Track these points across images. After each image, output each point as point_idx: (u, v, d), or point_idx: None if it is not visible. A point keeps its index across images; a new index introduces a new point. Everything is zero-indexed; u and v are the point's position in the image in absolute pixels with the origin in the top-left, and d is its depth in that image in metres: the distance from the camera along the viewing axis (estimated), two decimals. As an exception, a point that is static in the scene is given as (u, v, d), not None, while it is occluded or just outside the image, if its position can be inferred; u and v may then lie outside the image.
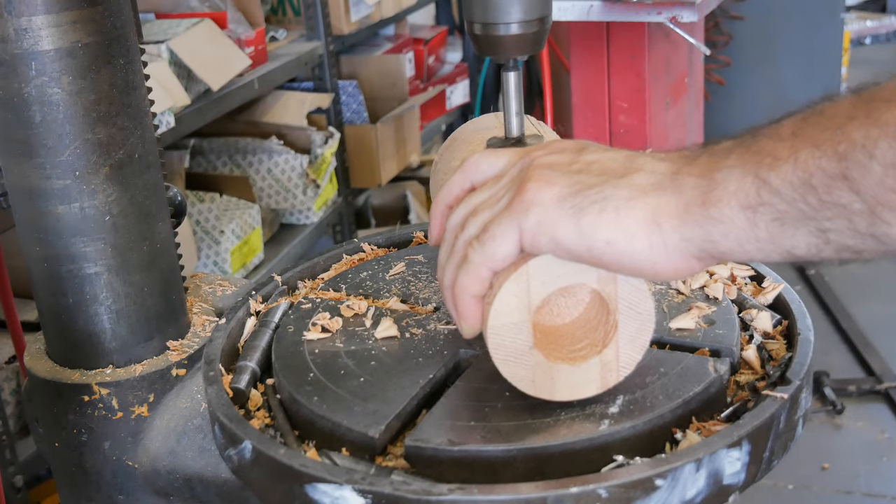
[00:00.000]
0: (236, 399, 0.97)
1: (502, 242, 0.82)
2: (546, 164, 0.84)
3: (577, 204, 0.80)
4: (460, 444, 0.84)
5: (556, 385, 0.87)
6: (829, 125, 0.71)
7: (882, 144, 0.68)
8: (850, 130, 0.70)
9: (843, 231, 0.72)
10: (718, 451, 0.80)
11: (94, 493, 1.20)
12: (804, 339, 0.95)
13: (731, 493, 0.82)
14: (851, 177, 0.69)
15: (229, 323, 1.08)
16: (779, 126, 0.75)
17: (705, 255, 0.78)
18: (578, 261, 0.81)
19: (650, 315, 0.87)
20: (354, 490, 0.79)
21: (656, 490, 0.78)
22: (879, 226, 0.70)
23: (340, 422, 0.89)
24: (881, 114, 0.69)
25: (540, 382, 0.86)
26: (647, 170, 0.80)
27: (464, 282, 0.86)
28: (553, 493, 0.76)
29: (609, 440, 0.84)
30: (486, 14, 0.99)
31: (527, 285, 0.84)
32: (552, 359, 0.86)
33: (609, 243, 0.79)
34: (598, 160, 0.83)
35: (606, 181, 0.80)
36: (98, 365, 1.18)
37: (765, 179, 0.73)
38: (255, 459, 0.87)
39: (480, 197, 0.88)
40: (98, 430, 1.17)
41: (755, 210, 0.74)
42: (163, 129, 2.61)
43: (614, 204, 0.79)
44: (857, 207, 0.70)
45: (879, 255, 0.73)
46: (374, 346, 1.01)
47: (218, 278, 1.37)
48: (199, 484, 1.15)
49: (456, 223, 0.89)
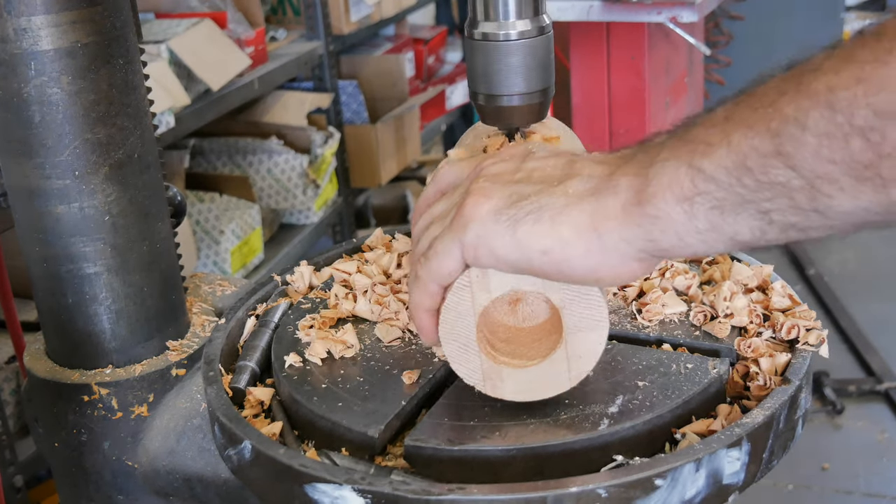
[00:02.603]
0: (236, 399, 0.97)
1: (445, 259, 0.82)
2: (490, 174, 0.84)
3: (512, 216, 0.79)
4: (460, 443, 0.84)
5: (506, 385, 0.87)
6: (761, 104, 0.69)
7: (814, 114, 0.66)
8: (782, 105, 0.68)
9: (785, 210, 0.69)
10: (718, 451, 0.80)
11: (94, 493, 1.20)
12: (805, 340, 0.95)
13: (731, 493, 0.82)
14: (786, 152, 0.67)
15: (229, 323, 1.08)
16: (712, 113, 0.74)
17: (646, 255, 0.77)
18: (520, 272, 0.81)
19: (604, 321, 0.85)
20: (354, 490, 0.79)
21: (656, 490, 0.78)
22: (821, 199, 0.68)
23: (340, 421, 0.89)
24: (810, 84, 0.67)
25: (493, 384, 0.87)
26: (584, 174, 0.79)
27: (415, 297, 0.86)
28: (553, 493, 0.76)
29: (609, 440, 0.84)
30: (490, 86, 1.00)
31: (471, 294, 0.84)
32: (503, 362, 0.87)
33: (545, 253, 0.78)
34: (539, 167, 0.82)
35: (542, 190, 0.79)
36: (98, 365, 1.18)
37: (699, 168, 0.71)
38: (255, 459, 0.87)
39: (437, 209, 0.88)
40: (98, 430, 1.17)
41: (692, 201, 0.72)
42: (163, 129, 2.61)
43: (549, 213, 0.78)
44: (795, 184, 0.68)
45: (827, 231, 0.71)
46: (373, 345, 1.01)
47: (218, 278, 1.37)
48: (198, 484, 1.15)
49: (415, 236, 0.89)
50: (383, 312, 1.04)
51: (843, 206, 0.68)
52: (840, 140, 0.65)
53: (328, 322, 1.04)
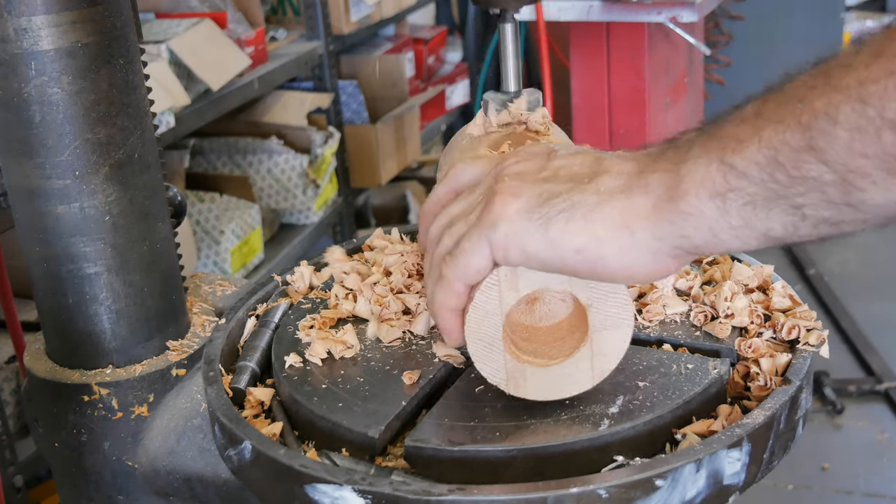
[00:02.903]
0: (236, 399, 0.97)
1: (473, 257, 0.82)
2: (515, 173, 0.83)
3: (544, 214, 0.78)
4: (460, 444, 0.84)
5: (528, 384, 0.87)
6: (791, 99, 0.70)
7: (845, 109, 0.66)
8: (812, 100, 0.68)
9: (818, 204, 0.69)
10: (718, 452, 0.80)
11: (94, 493, 1.20)
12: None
13: (732, 494, 0.82)
14: (818, 147, 0.67)
15: (229, 323, 1.08)
16: (741, 110, 0.74)
17: (680, 252, 0.77)
18: (551, 271, 0.81)
19: (629, 319, 0.86)
20: (354, 490, 0.79)
21: (656, 490, 0.78)
22: (854, 193, 0.68)
23: (340, 422, 0.89)
24: (841, 79, 0.67)
25: (516, 383, 0.87)
26: (613, 172, 0.79)
27: (440, 297, 0.86)
28: (553, 494, 0.76)
29: (609, 440, 0.84)
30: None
31: (499, 293, 0.84)
32: (526, 361, 0.87)
33: (579, 251, 0.77)
34: (566, 165, 0.82)
35: (573, 188, 0.79)
36: (98, 365, 1.18)
37: (731, 164, 0.71)
38: (255, 460, 0.87)
39: (456, 208, 0.87)
40: (98, 430, 1.17)
41: (724, 197, 0.72)
42: (163, 129, 2.61)
43: (582, 211, 0.77)
44: (828, 178, 0.68)
45: (860, 225, 0.71)
46: (373, 345, 1.01)
47: (218, 278, 1.37)
48: (198, 484, 1.15)
49: (434, 235, 0.88)
50: (383, 312, 1.04)
51: (876, 199, 0.68)
52: (872, 134, 0.65)
53: (328, 322, 1.04)
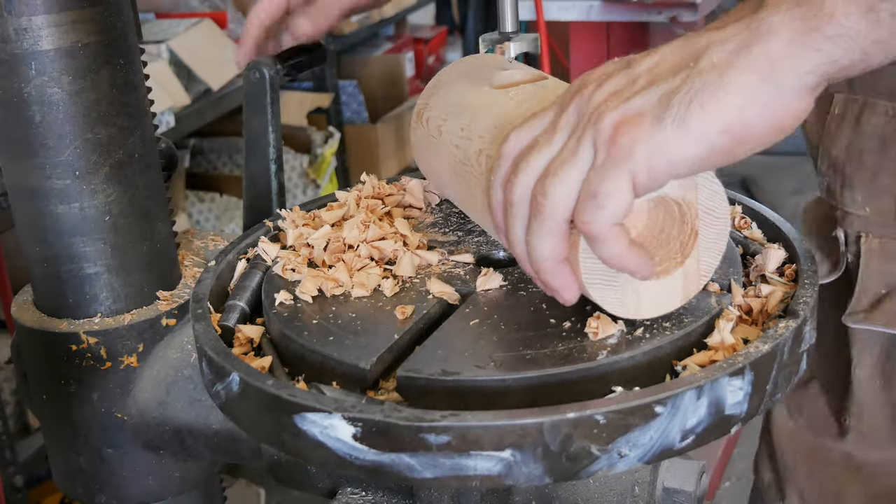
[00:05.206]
0: (225, 337, 0.94)
1: (618, 196, 0.74)
2: (607, 96, 0.77)
3: (675, 114, 0.73)
4: (454, 373, 0.81)
5: (641, 302, 0.84)
6: None
7: None
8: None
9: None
10: (720, 379, 0.77)
11: (83, 447, 1.18)
12: (810, 274, 0.92)
13: (734, 425, 0.79)
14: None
15: (219, 265, 1.05)
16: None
17: (823, 81, 0.73)
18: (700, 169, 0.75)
19: (727, 219, 0.83)
20: (344, 418, 0.76)
21: (656, 417, 0.75)
22: None
23: (330, 354, 0.86)
24: None
25: (628, 301, 0.83)
26: (714, 42, 0.74)
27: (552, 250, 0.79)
28: (549, 419, 0.73)
29: (607, 370, 0.80)
30: None
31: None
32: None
33: (725, 130, 0.72)
34: (657, 62, 0.77)
35: (687, 76, 0.74)
36: (86, 314, 1.15)
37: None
38: (243, 392, 0.84)
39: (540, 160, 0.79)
40: (86, 381, 1.15)
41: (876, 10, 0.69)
42: (163, 129, 2.61)
43: (709, 91, 0.72)
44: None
45: None
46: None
47: (211, 234, 1.34)
48: (189, 436, 1.14)
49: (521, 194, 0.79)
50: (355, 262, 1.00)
51: None
52: None
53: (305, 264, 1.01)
